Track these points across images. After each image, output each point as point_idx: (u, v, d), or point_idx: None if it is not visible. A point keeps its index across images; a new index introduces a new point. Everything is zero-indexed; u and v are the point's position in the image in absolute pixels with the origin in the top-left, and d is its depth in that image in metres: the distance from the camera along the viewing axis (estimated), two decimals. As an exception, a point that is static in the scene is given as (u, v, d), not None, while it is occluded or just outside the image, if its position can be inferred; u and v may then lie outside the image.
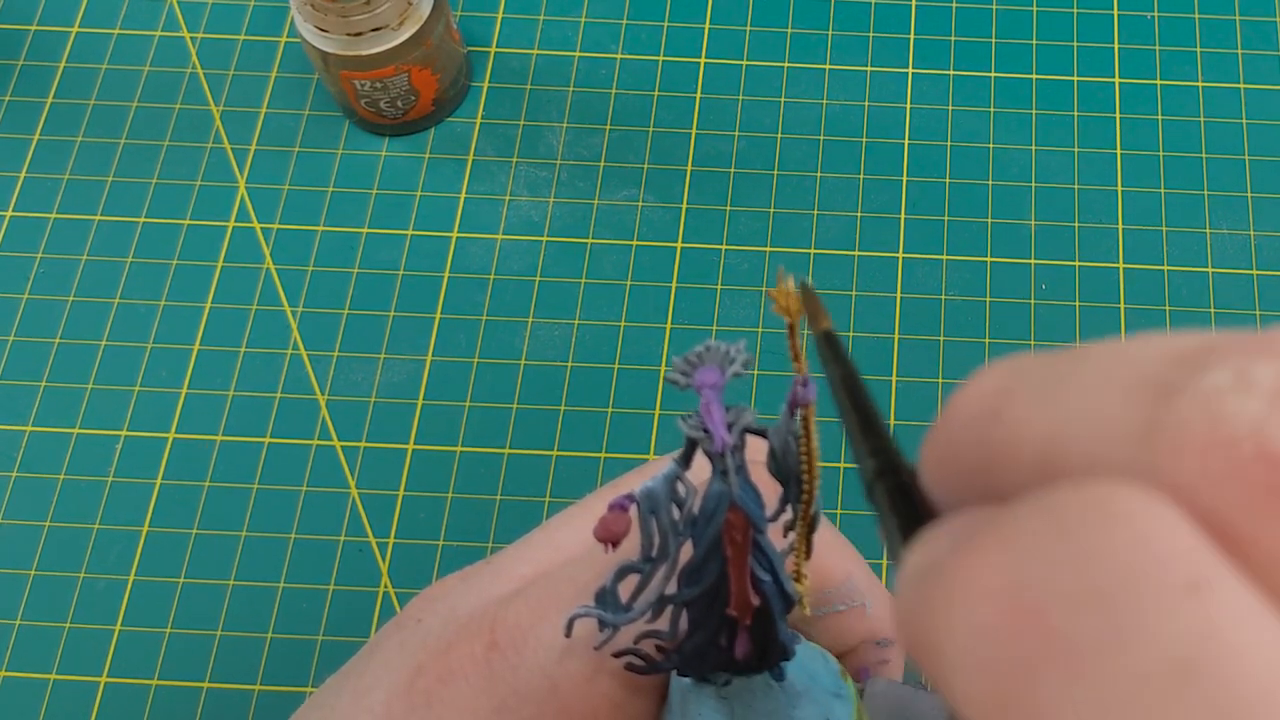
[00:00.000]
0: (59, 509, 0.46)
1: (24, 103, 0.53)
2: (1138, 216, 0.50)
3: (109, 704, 0.43)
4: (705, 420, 0.21)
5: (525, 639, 0.24)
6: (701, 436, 0.21)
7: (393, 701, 0.25)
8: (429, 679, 0.25)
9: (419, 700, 0.24)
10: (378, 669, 0.26)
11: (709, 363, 0.21)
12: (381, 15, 0.47)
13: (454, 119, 0.52)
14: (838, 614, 0.28)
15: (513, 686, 0.24)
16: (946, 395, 0.53)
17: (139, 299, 0.49)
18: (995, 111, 0.53)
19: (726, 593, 0.22)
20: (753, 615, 0.22)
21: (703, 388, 0.20)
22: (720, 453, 0.21)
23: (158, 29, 0.54)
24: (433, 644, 0.25)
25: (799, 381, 0.21)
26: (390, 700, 0.25)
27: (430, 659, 0.25)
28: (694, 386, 0.21)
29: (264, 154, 0.52)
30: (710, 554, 0.22)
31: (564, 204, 0.51)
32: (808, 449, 0.21)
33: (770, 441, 0.22)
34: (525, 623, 0.25)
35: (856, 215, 0.50)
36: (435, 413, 0.47)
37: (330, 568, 0.45)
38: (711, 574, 0.22)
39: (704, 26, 0.54)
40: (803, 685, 0.24)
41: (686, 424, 0.21)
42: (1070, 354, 0.15)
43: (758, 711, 0.24)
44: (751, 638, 0.23)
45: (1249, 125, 0.52)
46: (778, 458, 0.22)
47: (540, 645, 0.24)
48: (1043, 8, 0.55)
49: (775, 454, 0.22)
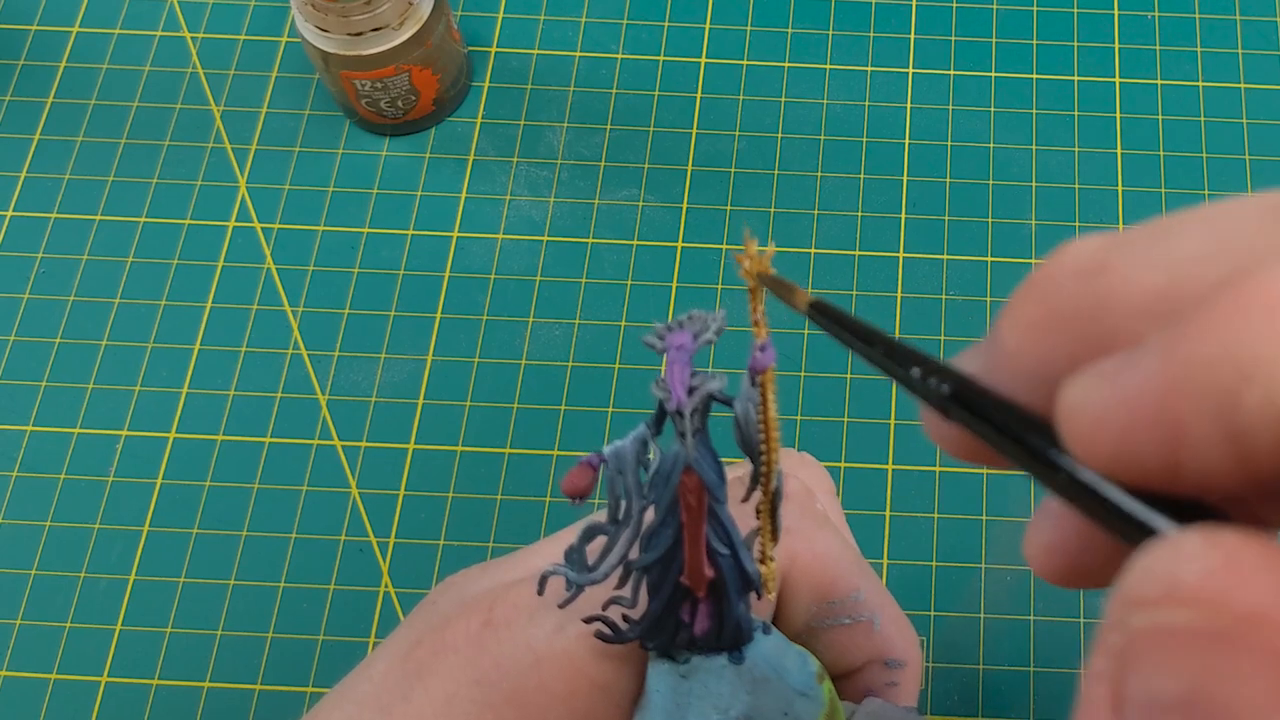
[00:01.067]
0: (59, 509, 0.46)
1: (24, 103, 0.53)
2: (1138, 216, 0.50)
3: (109, 704, 0.43)
4: (667, 380, 0.21)
5: (519, 617, 0.25)
6: (665, 396, 0.21)
7: (389, 670, 0.26)
8: (424, 650, 0.25)
9: (411, 669, 0.25)
10: (385, 644, 0.27)
11: (686, 329, 0.21)
12: (382, 15, 0.47)
13: (454, 119, 0.52)
14: (843, 629, 0.27)
15: (495, 659, 0.24)
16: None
17: (139, 299, 0.49)
18: (995, 111, 0.53)
19: (682, 561, 0.22)
20: (708, 589, 0.22)
21: (669, 348, 0.21)
22: (677, 412, 0.21)
23: (158, 29, 0.54)
24: (436, 621, 0.26)
25: (757, 346, 0.21)
26: (388, 670, 0.26)
27: (429, 633, 0.26)
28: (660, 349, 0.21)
29: (264, 154, 0.52)
30: (667, 518, 0.22)
31: (564, 204, 0.51)
32: (765, 416, 0.21)
33: (734, 410, 0.21)
34: (524, 604, 0.25)
35: (857, 215, 0.50)
36: (436, 412, 0.47)
37: (331, 567, 0.45)
38: (667, 539, 0.22)
39: (704, 26, 0.54)
40: (763, 675, 0.24)
41: (656, 386, 0.21)
42: (1161, 220, 0.15)
43: (710, 691, 0.24)
44: (710, 614, 0.23)
45: (1249, 125, 0.52)
46: (741, 428, 0.22)
47: (531, 623, 0.24)
48: (1043, 8, 0.55)
49: (739, 424, 0.22)
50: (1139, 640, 0.12)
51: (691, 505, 0.21)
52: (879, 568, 0.44)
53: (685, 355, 0.21)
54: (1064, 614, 0.44)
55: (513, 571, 0.27)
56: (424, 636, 0.26)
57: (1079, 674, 0.45)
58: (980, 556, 0.45)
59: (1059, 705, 0.42)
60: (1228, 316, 0.13)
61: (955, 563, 0.44)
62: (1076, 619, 0.44)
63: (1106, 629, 0.13)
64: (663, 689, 0.24)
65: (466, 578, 0.28)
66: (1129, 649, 0.12)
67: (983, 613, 0.44)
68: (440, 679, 0.25)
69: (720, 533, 0.22)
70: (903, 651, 0.28)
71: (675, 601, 0.23)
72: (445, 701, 0.24)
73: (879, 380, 0.47)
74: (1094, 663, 0.13)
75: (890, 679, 0.28)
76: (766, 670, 0.24)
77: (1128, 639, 0.12)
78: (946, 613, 0.44)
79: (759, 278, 0.21)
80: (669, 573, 0.22)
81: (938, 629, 0.44)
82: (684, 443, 0.21)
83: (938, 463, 0.46)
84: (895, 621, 0.28)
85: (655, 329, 0.21)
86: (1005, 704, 0.43)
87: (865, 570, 0.28)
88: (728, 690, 0.24)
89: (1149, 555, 0.13)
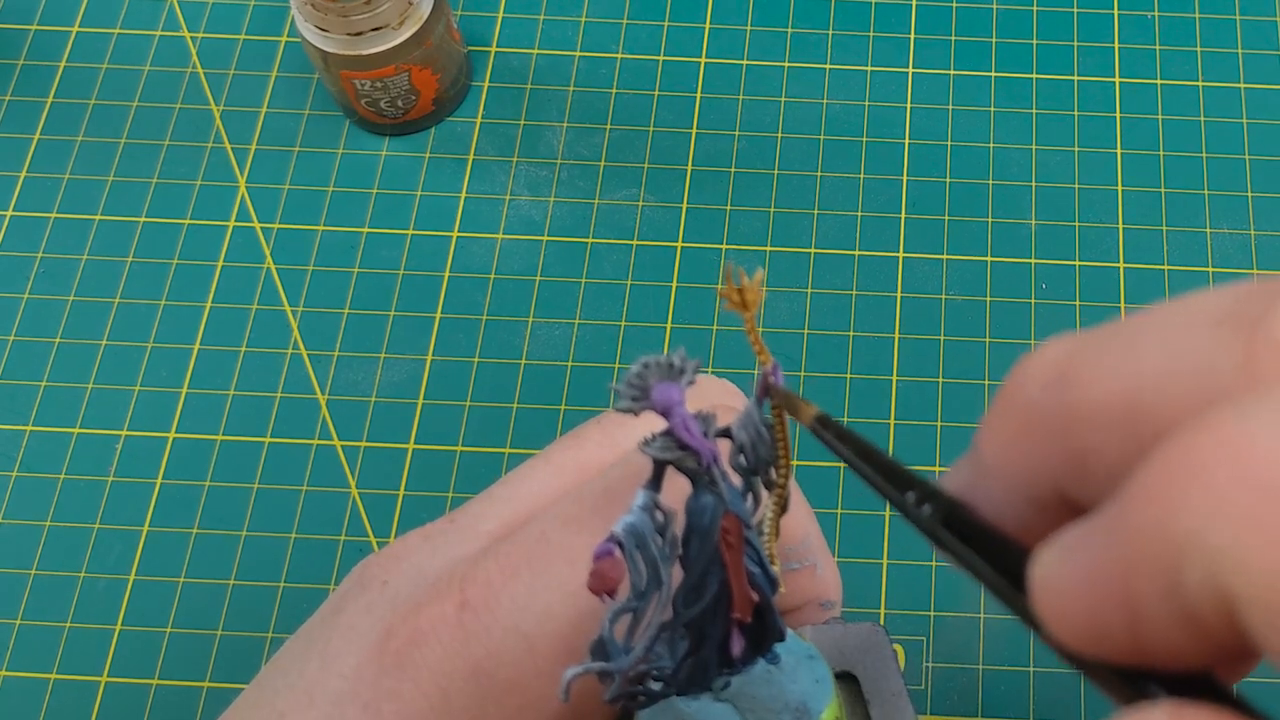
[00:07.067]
0: (59, 509, 0.46)
1: (24, 102, 0.53)
2: (1138, 216, 0.50)
3: (109, 704, 0.43)
4: (685, 439, 0.20)
5: (497, 598, 0.24)
6: (679, 456, 0.20)
7: (363, 666, 0.24)
8: (400, 641, 0.24)
9: (390, 663, 0.24)
10: (345, 633, 0.25)
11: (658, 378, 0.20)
12: (382, 15, 0.47)
13: (454, 119, 0.52)
14: (791, 573, 0.27)
15: (487, 648, 0.23)
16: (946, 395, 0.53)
17: (139, 299, 0.49)
18: (995, 111, 0.53)
19: (728, 600, 0.21)
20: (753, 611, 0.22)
21: (671, 408, 0.20)
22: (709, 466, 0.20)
23: (158, 29, 0.54)
24: (402, 605, 0.24)
25: (768, 370, 0.20)
26: (361, 665, 0.24)
27: (400, 621, 0.24)
28: (656, 409, 0.20)
29: (264, 154, 0.52)
30: (709, 567, 0.21)
31: (564, 204, 0.51)
32: (783, 435, 0.21)
33: (736, 438, 0.21)
34: (496, 581, 0.24)
35: (856, 215, 0.50)
36: (435, 412, 0.47)
37: (331, 567, 0.45)
38: (713, 587, 0.21)
39: (704, 26, 0.54)
40: (791, 660, 0.24)
41: (653, 447, 0.20)
42: (1125, 321, 0.15)
43: (763, 698, 0.23)
44: (744, 633, 0.22)
45: (1249, 125, 0.52)
46: (745, 451, 0.21)
47: (514, 605, 0.23)
48: (1043, 7, 0.55)
49: (744, 448, 0.21)
50: None
51: (734, 545, 0.21)
52: (879, 568, 0.44)
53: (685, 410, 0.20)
54: (1064, 614, 0.44)
55: (463, 540, 0.26)
56: (395, 626, 0.24)
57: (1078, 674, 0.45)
58: (980, 556, 0.45)
59: (1059, 705, 0.42)
60: (1160, 488, 0.12)
61: (955, 563, 0.44)
62: (1076, 619, 0.44)
63: None
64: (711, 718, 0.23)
65: (408, 548, 0.26)
66: None
67: (983, 613, 0.44)
68: (429, 672, 0.23)
69: (751, 554, 0.22)
70: (835, 592, 0.28)
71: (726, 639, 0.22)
72: (441, 697, 0.23)
73: (879, 380, 0.47)
74: None
75: (824, 618, 0.28)
76: (789, 654, 0.24)
77: None
78: (946, 613, 0.44)
79: (777, 395, 0.21)
80: (716, 616, 0.22)
81: (938, 629, 0.44)
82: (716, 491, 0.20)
83: (938, 463, 0.46)
84: (830, 564, 0.28)
85: (622, 392, 0.20)
86: (1005, 704, 0.43)
87: (809, 513, 0.28)
88: (778, 691, 0.23)
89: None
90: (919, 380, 0.47)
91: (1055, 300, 0.49)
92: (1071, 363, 0.15)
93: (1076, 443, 0.15)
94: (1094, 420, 0.15)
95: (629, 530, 0.20)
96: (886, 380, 0.47)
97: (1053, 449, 0.15)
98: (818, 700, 0.23)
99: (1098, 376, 0.15)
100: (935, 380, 0.47)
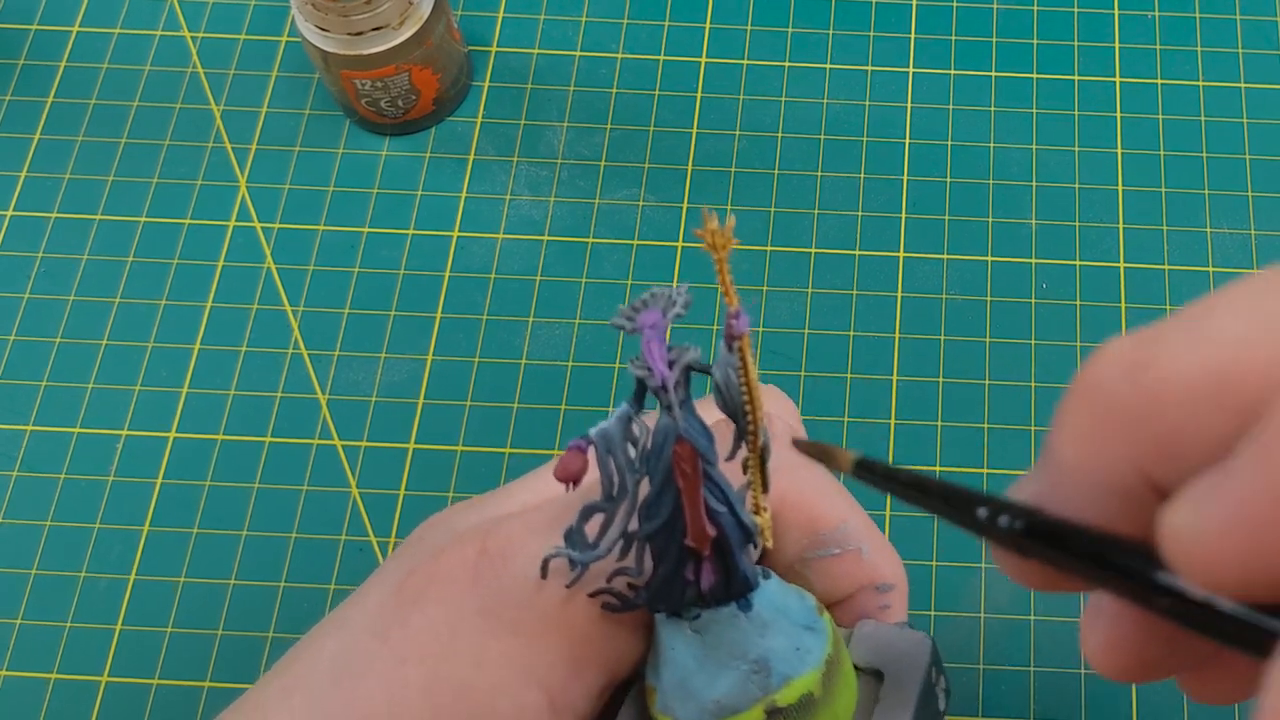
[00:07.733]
0: (59, 509, 0.46)
1: (24, 102, 0.53)
2: (1138, 216, 0.50)
3: (109, 704, 0.43)
4: (646, 358, 0.21)
5: (515, 550, 0.25)
6: (645, 374, 0.22)
7: (384, 600, 0.26)
8: (418, 579, 0.26)
9: (408, 597, 0.26)
10: (377, 575, 0.27)
11: (653, 307, 0.22)
12: (382, 14, 0.47)
13: (454, 118, 0.52)
14: (833, 559, 0.28)
15: (496, 591, 0.25)
16: (947, 395, 0.52)
17: (139, 298, 0.49)
18: (996, 111, 0.53)
19: (684, 525, 0.23)
20: (711, 546, 0.23)
21: (643, 328, 0.21)
22: (661, 387, 0.21)
23: (158, 29, 0.54)
24: (426, 552, 0.27)
25: (731, 314, 0.22)
26: (383, 600, 0.26)
27: (422, 564, 0.26)
28: (638, 330, 0.21)
29: (264, 153, 0.52)
30: (664, 487, 0.23)
31: (564, 203, 0.51)
32: (746, 378, 0.22)
33: (714, 377, 0.22)
34: (518, 537, 0.25)
35: (857, 215, 0.50)
36: (436, 412, 0.47)
37: (331, 567, 0.45)
38: (667, 507, 0.23)
39: (704, 26, 0.54)
40: (771, 617, 0.25)
41: (634, 365, 0.22)
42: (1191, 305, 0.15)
43: (726, 641, 0.25)
44: (715, 569, 0.24)
45: (1249, 125, 0.52)
46: (723, 393, 0.22)
47: (529, 558, 0.25)
48: (1043, 7, 0.55)
49: (720, 389, 0.22)
50: None
51: (687, 472, 0.22)
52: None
53: (659, 332, 0.22)
54: (1064, 614, 0.44)
55: (500, 506, 0.28)
56: (416, 567, 0.26)
57: (1079, 674, 0.45)
58: (980, 556, 0.45)
59: (1059, 705, 0.42)
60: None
61: (955, 563, 0.44)
62: (1077, 619, 0.44)
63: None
64: (679, 645, 0.25)
65: (454, 512, 0.29)
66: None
67: (983, 613, 0.44)
68: (441, 606, 0.25)
69: (716, 491, 0.23)
70: (891, 575, 0.28)
71: (681, 563, 0.24)
72: (448, 630, 0.25)
73: (879, 380, 0.47)
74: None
75: (882, 602, 0.28)
76: (772, 612, 0.25)
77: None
78: (946, 613, 0.44)
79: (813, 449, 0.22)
80: (672, 537, 0.23)
81: (938, 629, 0.44)
82: (672, 415, 0.22)
83: (938, 462, 0.46)
84: (881, 547, 0.29)
85: (621, 311, 0.22)
86: (1005, 704, 0.43)
87: (849, 500, 0.29)
88: (741, 637, 0.25)
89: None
90: (919, 380, 0.47)
91: (1055, 300, 0.49)
92: (1146, 349, 0.15)
93: (1162, 425, 0.15)
94: (1180, 398, 0.15)
95: (601, 434, 0.22)
96: (887, 380, 0.47)
97: (1138, 435, 0.16)
98: (788, 665, 0.25)
99: (1178, 354, 0.15)
100: (935, 380, 0.47)
